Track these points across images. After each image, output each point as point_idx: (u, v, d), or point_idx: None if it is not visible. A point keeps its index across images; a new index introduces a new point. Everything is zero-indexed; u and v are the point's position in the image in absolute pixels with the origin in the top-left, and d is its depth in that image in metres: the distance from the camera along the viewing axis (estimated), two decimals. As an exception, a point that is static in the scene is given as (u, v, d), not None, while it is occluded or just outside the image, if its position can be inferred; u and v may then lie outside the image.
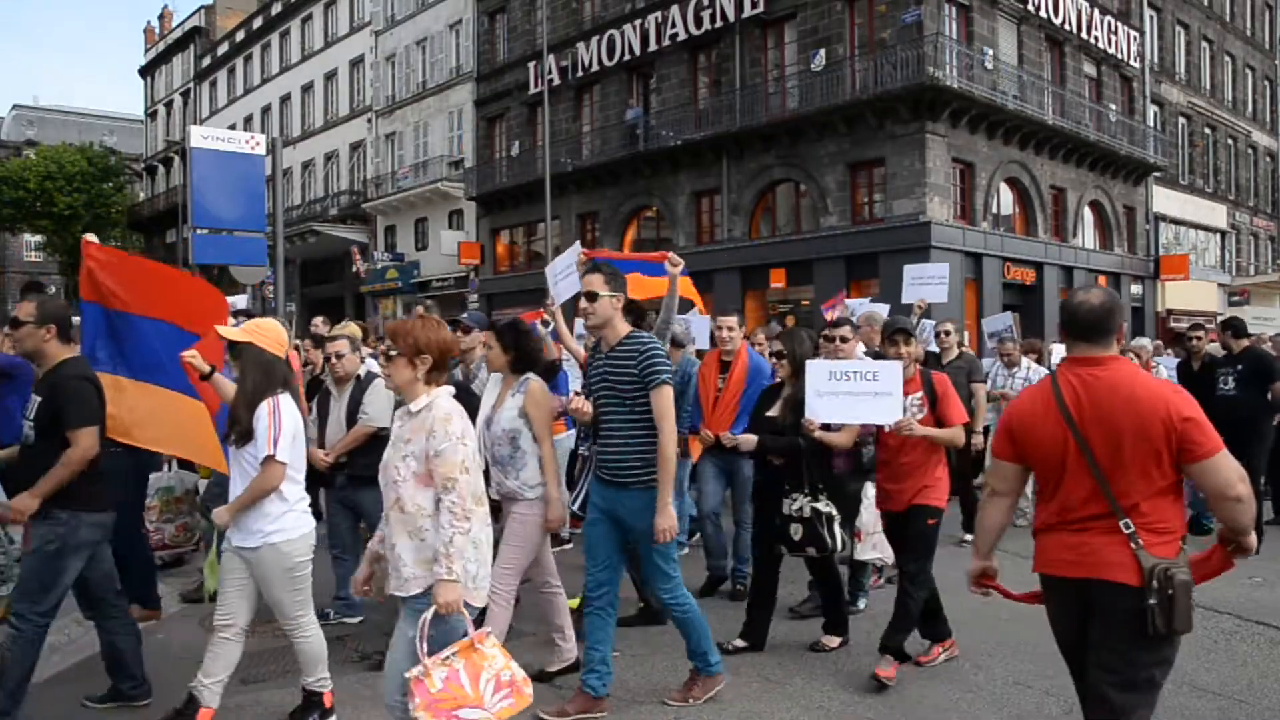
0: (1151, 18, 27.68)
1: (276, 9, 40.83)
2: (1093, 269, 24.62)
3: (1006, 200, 22.34)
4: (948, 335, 7.68)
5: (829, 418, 4.62)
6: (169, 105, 50.62)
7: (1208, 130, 31.08)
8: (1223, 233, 32.21)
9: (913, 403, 4.70)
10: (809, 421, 4.62)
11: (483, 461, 4.27)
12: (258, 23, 42.42)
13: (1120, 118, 25.38)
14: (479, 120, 30.15)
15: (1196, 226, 30.47)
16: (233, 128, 35.53)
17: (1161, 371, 9.53)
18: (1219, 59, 31.79)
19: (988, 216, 21.21)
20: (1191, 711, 4.22)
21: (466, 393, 4.82)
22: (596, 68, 25.81)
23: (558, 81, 25.90)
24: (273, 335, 3.98)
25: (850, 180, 20.85)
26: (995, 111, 20.44)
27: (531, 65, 27.35)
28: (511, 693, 3.12)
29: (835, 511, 4.79)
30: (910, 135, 19.49)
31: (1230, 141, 32.49)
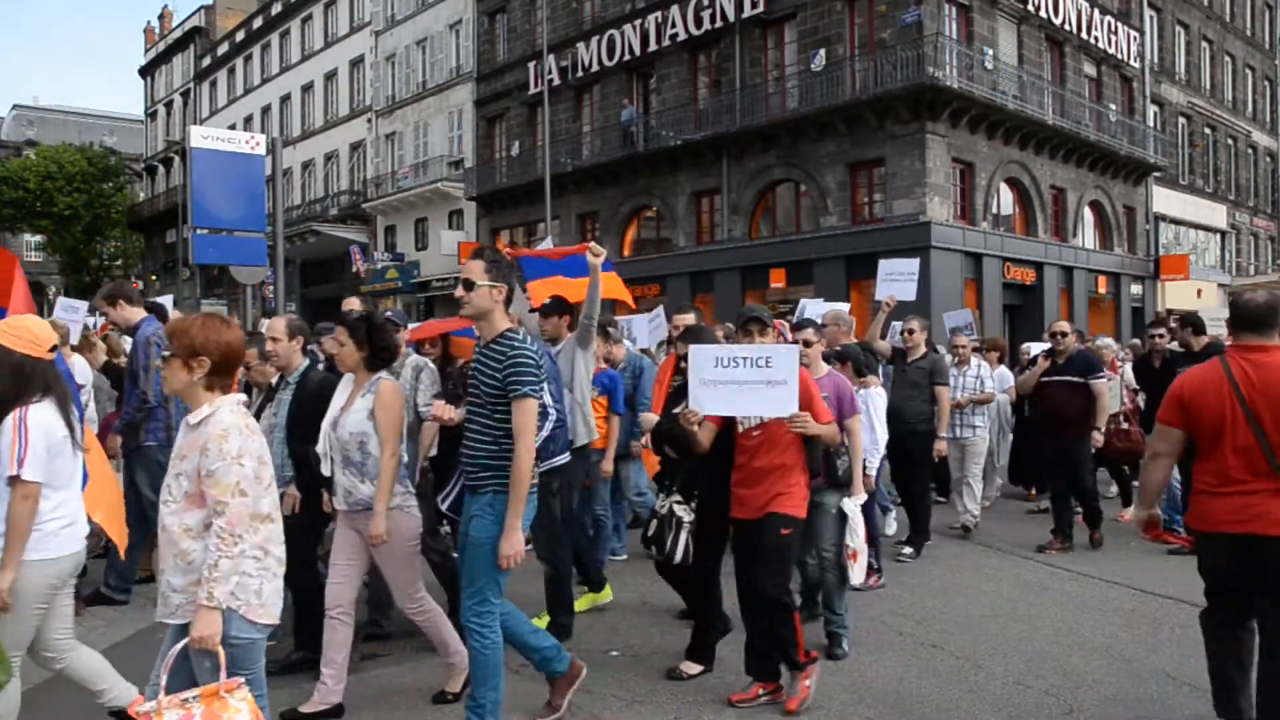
0: (1151, 18, 27.68)
1: (276, 9, 40.83)
2: (1093, 269, 24.65)
3: (1006, 200, 22.34)
4: (911, 334, 7.40)
5: (714, 409, 4.12)
6: (169, 105, 50.60)
7: (1208, 130, 31.08)
8: (1223, 233, 32.21)
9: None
10: (691, 413, 4.14)
11: (329, 466, 4.14)
12: (258, 23, 42.42)
13: (1120, 118, 25.38)
14: (479, 120, 30.15)
15: (1196, 226, 30.47)
16: (233, 128, 35.53)
17: (1128, 371, 9.37)
18: (1219, 59, 31.79)
19: (988, 216, 21.21)
20: (1191, 711, 4.22)
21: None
22: (596, 68, 25.81)
23: (558, 81, 25.90)
24: (26, 333, 3.44)
25: (850, 180, 20.85)
26: (995, 111, 20.43)
27: (531, 65, 27.35)
28: None
29: (690, 520, 4.48)
30: (910, 135, 19.49)
31: (1230, 141, 32.48)
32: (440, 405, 3.91)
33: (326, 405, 4.25)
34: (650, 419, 4.80)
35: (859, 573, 4.85)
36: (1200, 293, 27.74)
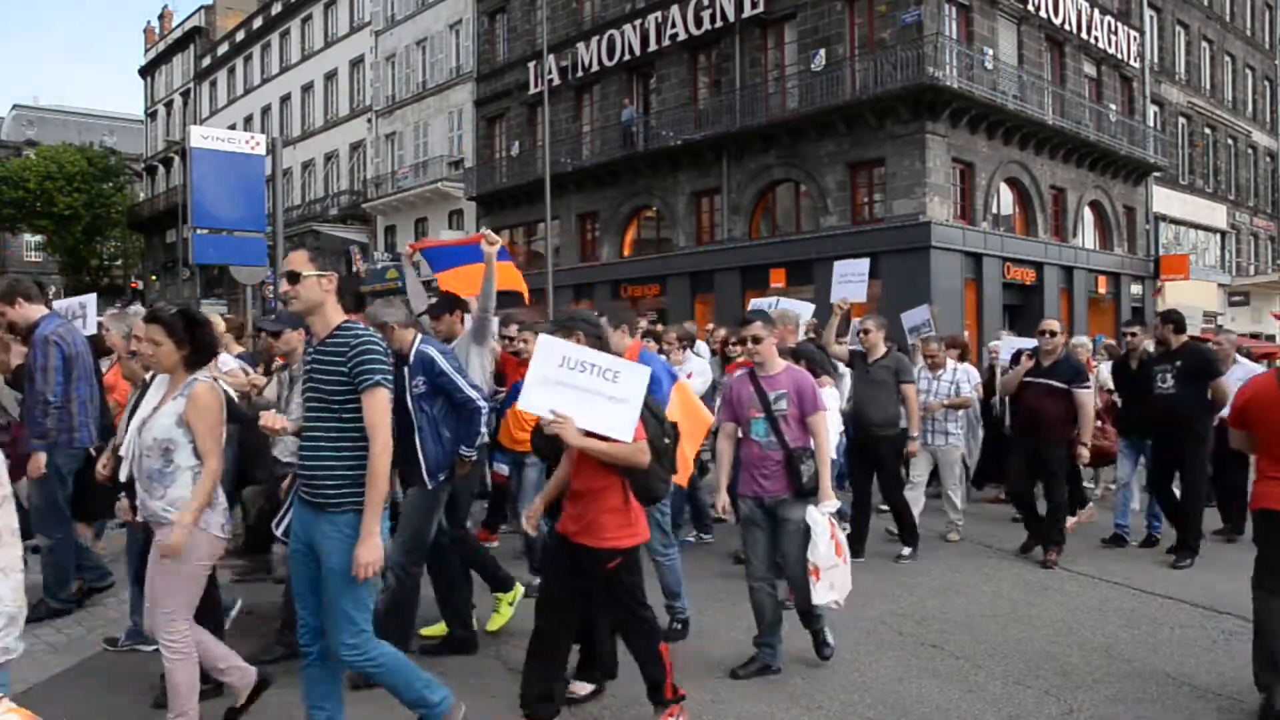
0: (1151, 18, 27.68)
1: (276, 9, 40.84)
2: (1093, 269, 24.66)
3: (1006, 200, 22.34)
4: (867, 334, 7.08)
5: (542, 410, 3.65)
6: (169, 105, 50.61)
7: (1208, 130, 31.08)
8: (1223, 233, 32.22)
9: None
10: (527, 413, 3.70)
11: (127, 469, 3.81)
12: (258, 23, 42.43)
13: (1120, 118, 25.38)
14: (479, 120, 30.15)
15: (1196, 226, 30.48)
16: (233, 128, 35.54)
17: (1104, 371, 9.28)
18: (1219, 59, 31.79)
19: (988, 216, 21.21)
20: (1191, 711, 4.22)
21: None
22: (596, 68, 25.82)
23: (558, 81, 25.90)
24: None
25: (850, 180, 20.85)
26: (995, 111, 20.44)
27: (531, 65, 27.36)
28: None
29: None
30: (910, 135, 19.49)
31: (1230, 141, 32.49)
32: (269, 415, 3.48)
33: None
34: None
35: (821, 591, 4.43)
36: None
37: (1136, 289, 26.80)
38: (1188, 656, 4.93)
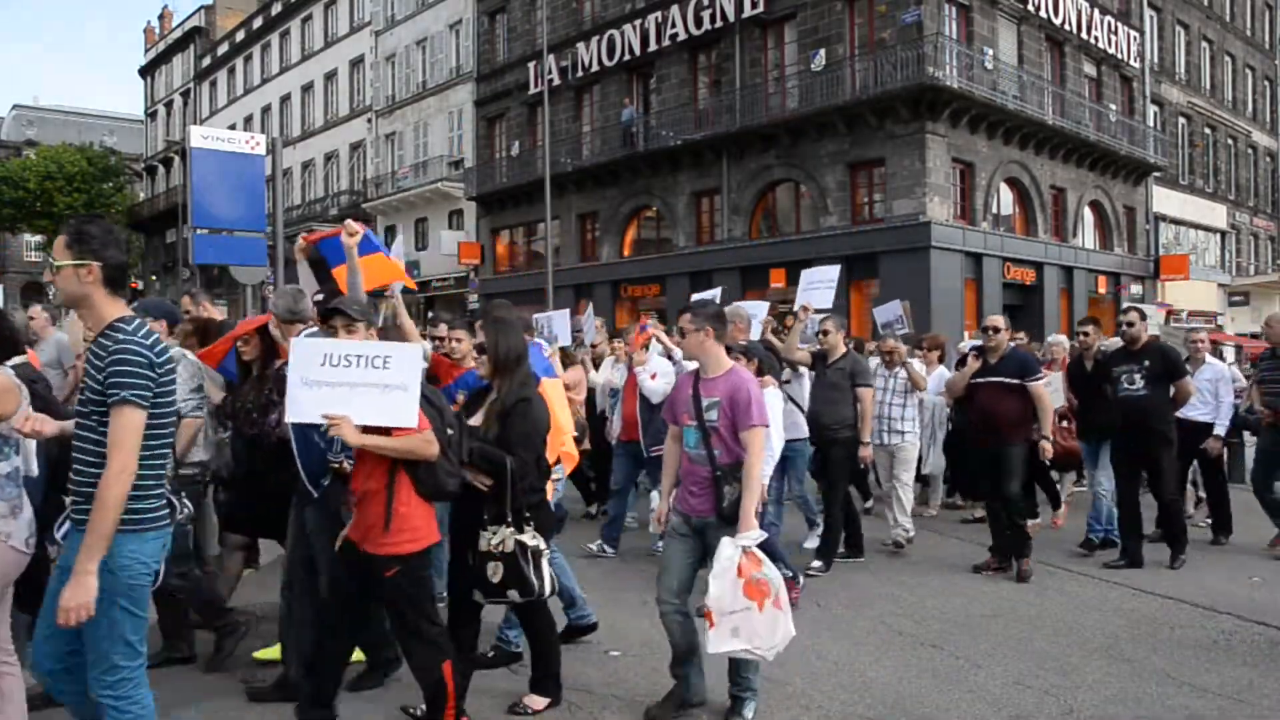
0: (1151, 18, 27.68)
1: (276, 9, 40.85)
2: (1093, 269, 24.66)
3: (1006, 200, 22.34)
4: (826, 335, 6.82)
5: (314, 416, 3.37)
6: (169, 105, 50.63)
7: (1208, 130, 31.08)
8: (1223, 233, 32.22)
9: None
10: (283, 426, 3.41)
11: None
12: (258, 23, 42.44)
13: (1120, 118, 25.38)
14: (479, 120, 30.15)
15: (1196, 226, 30.48)
16: (233, 128, 35.54)
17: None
18: (1219, 59, 31.79)
19: (988, 216, 21.21)
20: (1191, 711, 4.21)
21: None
22: (596, 68, 25.81)
23: (558, 81, 25.90)
24: None
25: (850, 180, 20.85)
26: (995, 111, 20.44)
27: (531, 65, 27.36)
28: None
29: (543, 545, 3.83)
30: (910, 135, 19.49)
31: (1230, 141, 32.49)
32: (33, 416, 3.04)
33: None
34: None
35: (717, 638, 3.67)
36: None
37: (1137, 289, 26.79)
38: (1188, 656, 4.92)
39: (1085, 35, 23.75)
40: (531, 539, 3.76)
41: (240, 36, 43.67)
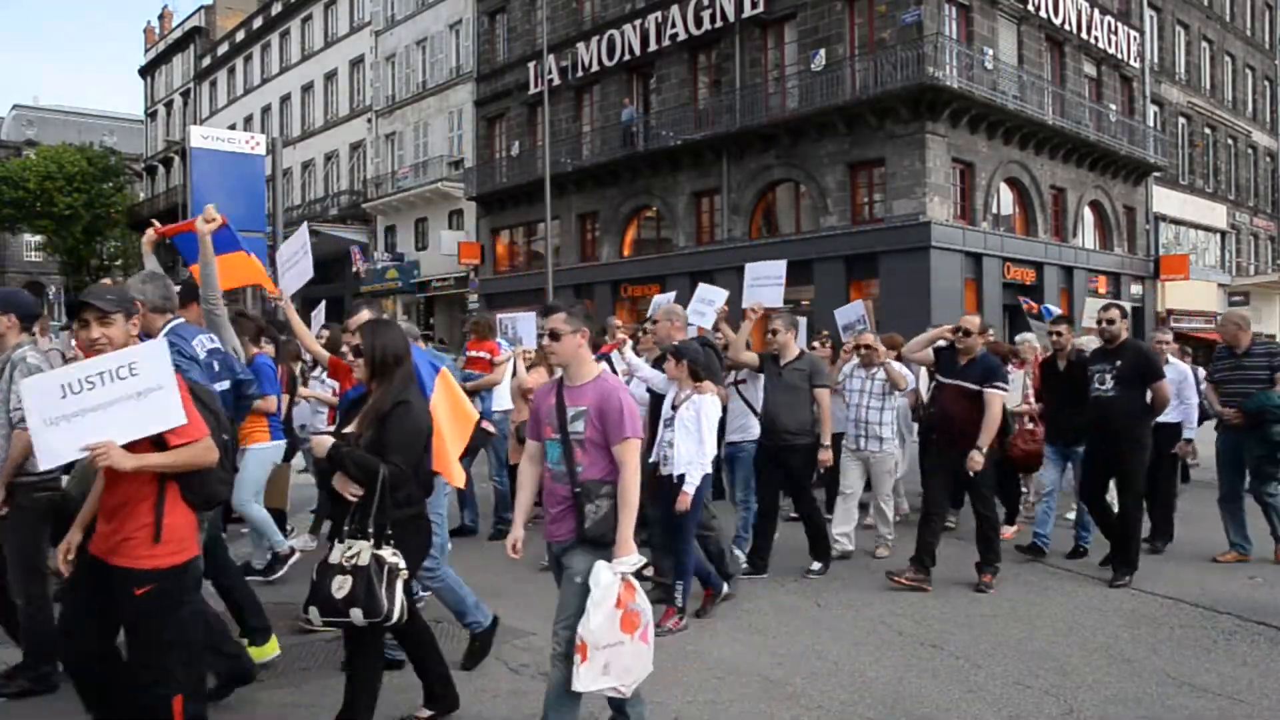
0: (1151, 18, 27.69)
1: (276, 9, 40.85)
2: (1093, 269, 24.66)
3: (1006, 200, 22.35)
4: (775, 335, 6.58)
5: (75, 452, 2.99)
6: (169, 105, 50.62)
7: (1208, 130, 31.09)
8: (1223, 233, 32.23)
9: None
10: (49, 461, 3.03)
11: None
12: (258, 23, 42.43)
13: (1120, 118, 25.39)
14: (479, 120, 30.16)
15: (1196, 226, 30.49)
16: (233, 128, 35.56)
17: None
18: (1219, 59, 31.80)
19: (988, 216, 21.22)
20: (1191, 711, 4.22)
21: None
22: (596, 68, 25.82)
23: (558, 81, 25.91)
24: None
25: (850, 180, 20.85)
26: (995, 111, 20.44)
27: (531, 65, 27.36)
28: None
29: (403, 565, 3.45)
30: (910, 135, 19.50)
31: (1230, 141, 32.50)
32: None
33: None
34: (322, 443, 3.52)
35: (587, 675, 3.22)
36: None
37: (1137, 289, 26.80)
38: (1188, 656, 4.92)
39: (1085, 35, 23.76)
40: (391, 555, 3.41)
41: (240, 36, 43.67)
